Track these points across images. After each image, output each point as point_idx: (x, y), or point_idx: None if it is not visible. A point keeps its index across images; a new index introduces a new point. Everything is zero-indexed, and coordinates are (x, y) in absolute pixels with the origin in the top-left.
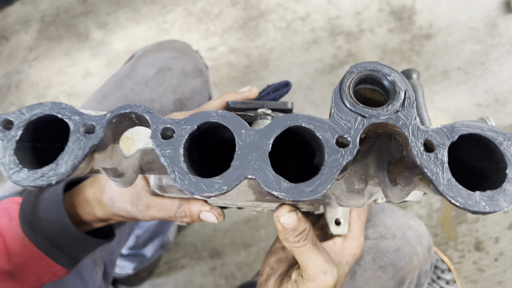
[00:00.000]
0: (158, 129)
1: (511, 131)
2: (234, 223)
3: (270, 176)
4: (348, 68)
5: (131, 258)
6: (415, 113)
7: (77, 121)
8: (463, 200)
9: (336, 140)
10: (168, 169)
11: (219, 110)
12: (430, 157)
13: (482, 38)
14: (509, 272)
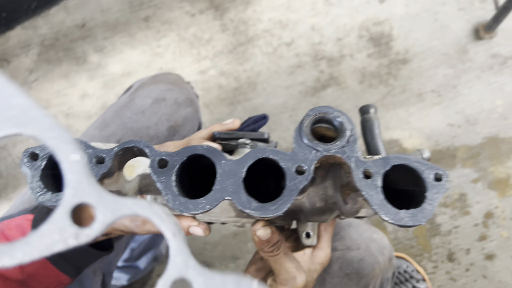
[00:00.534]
0: (155, 160)
1: (482, 149)
2: (223, 236)
3: (243, 198)
4: (307, 111)
5: (126, 270)
6: (357, 148)
7: (90, 153)
8: (392, 216)
9: (295, 168)
10: (163, 192)
11: (204, 145)
12: (368, 182)
13: (454, 63)
14: (479, 281)
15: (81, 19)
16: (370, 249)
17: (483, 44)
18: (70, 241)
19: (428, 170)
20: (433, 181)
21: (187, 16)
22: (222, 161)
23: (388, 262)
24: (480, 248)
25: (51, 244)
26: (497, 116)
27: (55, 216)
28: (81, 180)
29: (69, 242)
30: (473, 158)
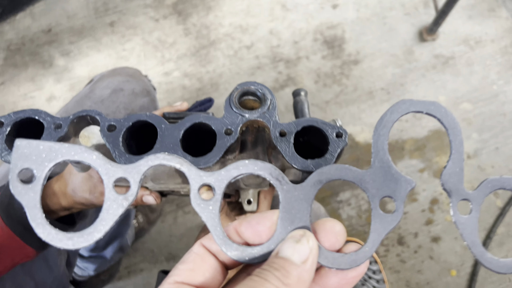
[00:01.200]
0: (105, 125)
1: (427, 141)
2: (188, 229)
3: (179, 153)
4: (236, 85)
5: (92, 260)
6: (275, 113)
7: (49, 120)
8: (300, 164)
9: (224, 130)
10: (111, 150)
11: (147, 113)
12: (282, 139)
13: (401, 63)
14: (426, 262)
15: (47, 24)
16: None
17: (427, 46)
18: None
19: (331, 129)
20: (334, 137)
21: (151, 21)
22: (162, 125)
23: None
24: (427, 232)
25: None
26: None
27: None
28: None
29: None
30: (419, 150)
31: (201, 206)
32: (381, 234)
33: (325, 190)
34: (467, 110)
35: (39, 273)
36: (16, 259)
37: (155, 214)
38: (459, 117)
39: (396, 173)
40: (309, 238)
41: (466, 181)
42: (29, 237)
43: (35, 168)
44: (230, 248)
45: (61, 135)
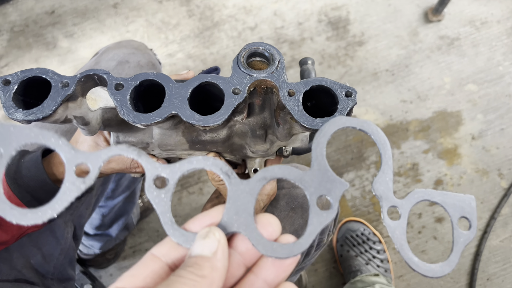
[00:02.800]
0: (113, 83)
1: (431, 122)
2: (193, 209)
3: (187, 112)
4: (244, 45)
5: (98, 237)
6: (284, 73)
7: (56, 79)
8: (309, 123)
9: (232, 89)
10: (119, 108)
11: (155, 72)
12: (291, 99)
13: (406, 45)
14: (430, 242)
15: (50, 6)
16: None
17: (432, 27)
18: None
19: (340, 89)
20: (344, 96)
21: (155, 3)
22: (170, 84)
23: None
24: (431, 212)
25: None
26: (445, 92)
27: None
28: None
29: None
30: (424, 131)
31: (154, 194)
32: (316, 228)
33: None
34: (472, 91)
35: (46, 245)
36: (23, 228)
37: None
38: (464, 98)
39: (332, 175)
40: (215, 231)
41: (471, 162)
42: (36, 205)
43: (3, 148)
44: (176, 234)
45: (68, 93)
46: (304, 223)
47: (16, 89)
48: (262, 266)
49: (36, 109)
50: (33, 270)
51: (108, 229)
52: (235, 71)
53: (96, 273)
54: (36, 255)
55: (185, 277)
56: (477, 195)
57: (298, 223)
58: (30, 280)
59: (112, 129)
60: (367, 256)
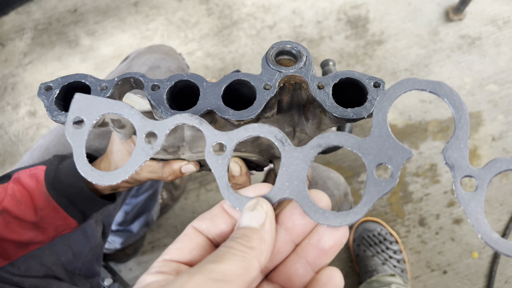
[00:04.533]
0: (149, 85)
1: (451, 123)
2: (210, 206)
3: (222, 107)
4: (271, 45)
5: (120, 233)
6: (312, 68)
7: (95, 83)
8: (340, 113)
9: (263, 86)
10: (157, 108)
11: (188, 73)
12: (321, 91)
13: (426, 44)
14: (448, 243)
15: (73, 4)
16: (326, 185)
17: (453, 26)
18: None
19: (369, 80)
20: (372, 87)
21: (175, 1)
22: (204, 83)
23: (343, 196)
24: (449, 214)
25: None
26: (465, 93)
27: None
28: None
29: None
30: (443, 131)
31: (213, 160)
32: (373, 198)
33: (346, 171)
34: (493, 92)
35: (76, 243)
36: (59, 229)
37: (178, 191)
38: (485, 99)
39: (394, 142)
40: (262, 204)
41: None
42: (72, 209)
43: (86, 117)
44: (231, 198)
45: (107, 96)
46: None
47: (57, 94)
48: (305, 248)
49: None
50: (62, 267)
51: (129, 225)
52: (265, 69)
53: (115, 267)
54: (67, 253)
55: (234, 248)
56: (497, 197)
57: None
58: (58, 276)
59: None
60: (383, 256)
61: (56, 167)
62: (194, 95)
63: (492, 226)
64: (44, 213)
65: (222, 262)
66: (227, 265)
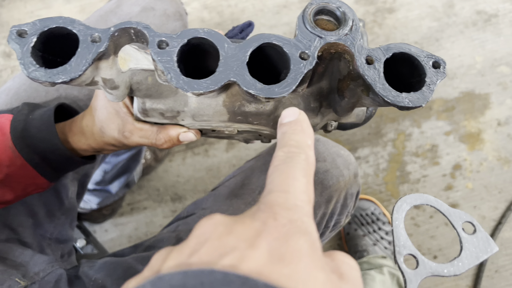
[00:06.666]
0: (155, 40)
1: (457, 103)
2: (197, 170)
3: (248, 79)
4: (310, 0)
5: (97, 193)
6: (359, 36)
7: (85, 32)
8: (393, 98)
9: (299, 54)
10: (165, 72)
11: (205, 28)
12: (370, 68)
13: (439, 17)
14: (441, 228)
15: None
16: (336, 163)
17: (470, 0)
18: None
19: (427, 58)
20: (432, 68)
21: None
22: (225, 45)
23: (353, 177)
24: (446, 198)
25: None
26: (475, 72)
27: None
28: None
29: None
30: (448, 111)
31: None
32: None
33: (344, 145)
34: (504, 74)
35: (48, 204)
36: (28, 189)
37: (163, 152)
38: (494, 81)
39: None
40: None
41: (493, 149)
42: (44, 167)
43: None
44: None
45: (100, 50)
46: (324, 202)
47: (35, 43)
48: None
49: (62, 69)
50: (30, 230)
51: (108, 185)
52: (301, 31)
53: (90, 227)
54: (37, 214)
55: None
56: (496, 184)
57: (316, 201)
58: (23, 239)
59: (139, 93)
60: (375, 237)
61: (26, 118)
62: (207, 57)
63: (488, 214)
64: (11, 171)
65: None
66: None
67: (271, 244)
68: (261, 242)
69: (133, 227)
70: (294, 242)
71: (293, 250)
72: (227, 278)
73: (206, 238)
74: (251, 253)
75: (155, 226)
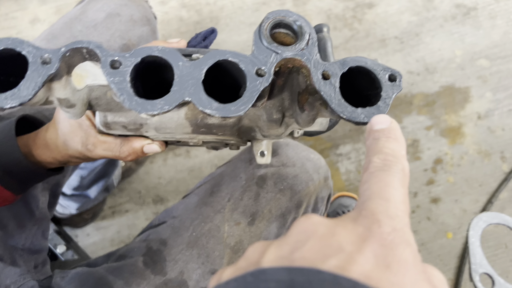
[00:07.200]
0: (107, 60)
1: (437, 97)
2: (178, 171)
3: (203, 98)
4: (266, 14)
5: (75, 198)
6: (316, 50)
7: (35, 53)
8: (349, 114)
9: (256, 71)
10: (118, 93)
11: (159, 46)
12: (326, 83)
13: (419, 11)
14: (423, 222)
15: None
16: (305, 167)
17: None
18: None
19: (383, 71)
20: (387, 81)
21: None
22: (179, 63)
23: (323, 181)
24: (427, 192)
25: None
26: (455, 66)
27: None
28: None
29: None
30: (428, 106)
31: None
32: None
33: (325, 142)
34: (484, 67)
35: (18, 216)
36: None
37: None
38: (474, 74)
39: None
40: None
41: (474, 142)
42: (7, 180)
43: None
44: None
45: (51, 73)
46: (294, 207)
47: None
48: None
49: (11, 93)
50: (0, 241)
51: (86, 190)
52: (258, 47)
53: (72, 232)
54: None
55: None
56: (477, 177)
57: (286, 206)
58: None
59: (99, 108)
60: None
61: None
62: (164, 71)
63: (469, 207)
64: None
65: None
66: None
67: (377, 251)
68: (367, 248)
69: (115, 230)
70: (400, 252)
71: (399, 259)
72: (337, 280)
73: (308, 237)
74: (358, 257)
75: (137, 229)
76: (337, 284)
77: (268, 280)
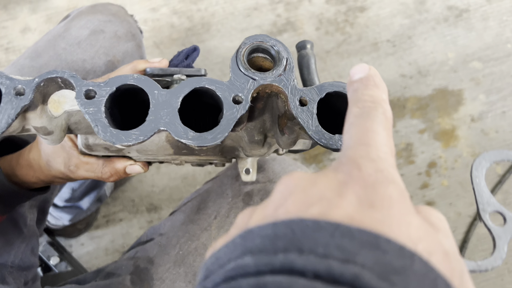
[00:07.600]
0: (82, 90)
1: (431, 100)
2: (172, 179)
3: (179, 128)
4: (243, 39)
5: (67, 210)
6: (293, 76)
7: (8, 84)
8: (326, 141)
9: (233, 98)
10: (92, 124)
11: (135, 74)
12: (303, 109)
13: (411, 13)
14: None
15: None
16: None
17: None
18: None
19: None
20: None
21: None
22: (155, 91)
23: None
24: (422, 196)
25: None
26: (448, 69)
27: None
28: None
29: None
30: (421, 109)
31: None
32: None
33: (318, 147)
34: (477, 69)
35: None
36: None
37: None
38: (467, 76)
39: None
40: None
41: (468, 145)
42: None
43: None
44: None
45: (25, 104)
46: None
47: None
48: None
49: None
50: None
51: (78, 201)
52: (235, 73)
53: (66, 242)
54: None
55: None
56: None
57: None
58: None
59: (79, 132)
60: None
61: None
62: (141, 98)
63: (464, 210)
64: None
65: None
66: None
67: (359, 192)
68: (348, 191)
69: (109, 239)
70: (383, 190)
71: (383, 196)
72: (318, 225)
73: (290, 192)
74: (339, 201)
75: (131, 238)
76: (319, 228)
77: (254, 238)
